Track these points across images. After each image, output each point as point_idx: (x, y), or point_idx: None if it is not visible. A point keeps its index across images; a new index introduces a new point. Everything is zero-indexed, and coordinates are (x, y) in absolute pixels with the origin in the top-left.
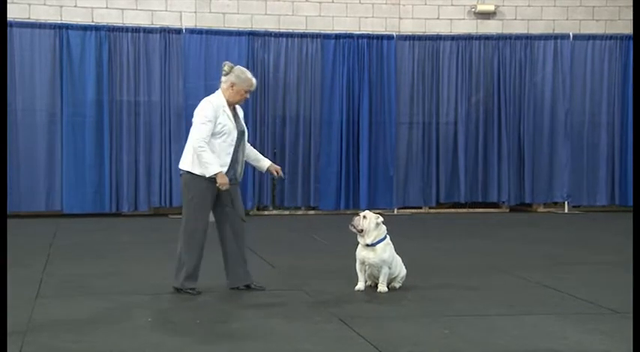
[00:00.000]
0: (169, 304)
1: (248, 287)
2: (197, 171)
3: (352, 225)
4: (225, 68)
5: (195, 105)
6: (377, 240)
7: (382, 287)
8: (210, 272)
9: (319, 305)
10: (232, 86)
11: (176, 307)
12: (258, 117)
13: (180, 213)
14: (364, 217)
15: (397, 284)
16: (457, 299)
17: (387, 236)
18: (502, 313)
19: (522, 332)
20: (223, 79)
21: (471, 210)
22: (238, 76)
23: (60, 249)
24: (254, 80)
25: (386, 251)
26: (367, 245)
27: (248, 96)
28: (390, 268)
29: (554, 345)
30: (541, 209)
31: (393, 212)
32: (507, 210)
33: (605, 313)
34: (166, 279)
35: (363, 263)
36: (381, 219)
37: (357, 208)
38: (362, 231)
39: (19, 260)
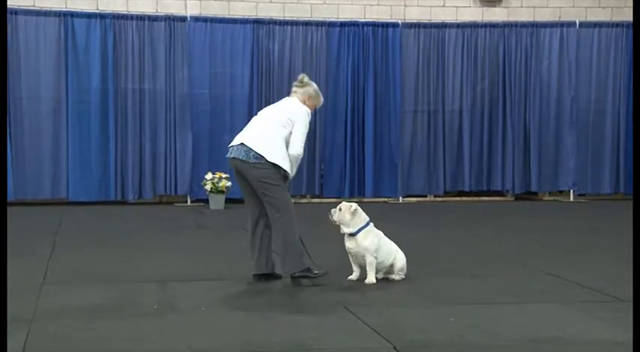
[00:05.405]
0: (175, 291)
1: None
2: (287, 168)
3: (330, 215)
4: (305, 80)
5: (200, 93)
6: (357, 228)
7: (370, 278)
8: (218, 261)
9: (324, 293)
10: (310, 99)
11: (181, 295)
12: (263, 106)
13: (185, 202)
14: (339, 209)
15: (397, 277)
16: (462, 287)
17: (371, 223)
18: (507, 301)
19: (527, 320)
20: (301, 90)
21: (476, 198)
22: (317, 91)
23: (65, 237)
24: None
25: (367, 238)
26: (349, 235)
27: None
28: (375, 257)
29: (558, 333)
30: (546, 197)
31: (398, 200)
32: (512, 199)
33: (610, 301)
34: (171, 267)
35: (349, 253)
36: (354, 207)
37: (362, 196)
38: (336, 222)
39: (24, 248)
